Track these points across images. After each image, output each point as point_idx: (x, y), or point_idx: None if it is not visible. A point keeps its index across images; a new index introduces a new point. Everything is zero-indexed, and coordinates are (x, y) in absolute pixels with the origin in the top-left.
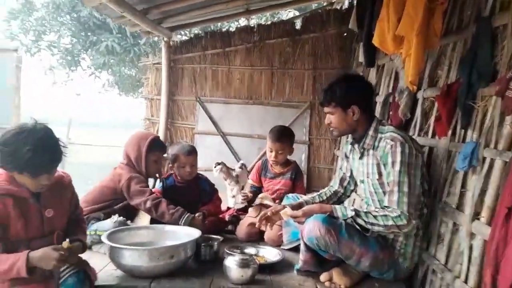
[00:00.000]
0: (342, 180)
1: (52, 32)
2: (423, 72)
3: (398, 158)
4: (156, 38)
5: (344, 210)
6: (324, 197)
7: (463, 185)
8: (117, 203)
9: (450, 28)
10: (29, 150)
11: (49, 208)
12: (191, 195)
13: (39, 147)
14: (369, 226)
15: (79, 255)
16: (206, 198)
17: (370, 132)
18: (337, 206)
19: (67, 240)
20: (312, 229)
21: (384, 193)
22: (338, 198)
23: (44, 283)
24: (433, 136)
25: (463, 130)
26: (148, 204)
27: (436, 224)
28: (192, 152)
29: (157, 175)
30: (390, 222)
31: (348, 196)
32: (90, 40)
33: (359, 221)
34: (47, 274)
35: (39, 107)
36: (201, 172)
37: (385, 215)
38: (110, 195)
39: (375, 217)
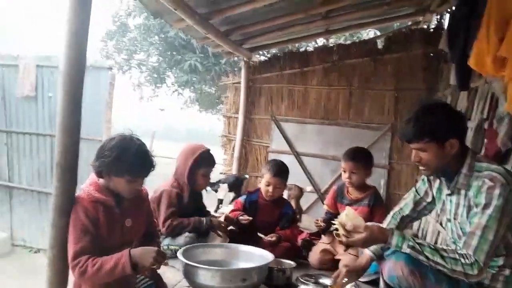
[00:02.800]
0: (417, 204)
1: (142, 52)
2: None
3: (494, 202)
4: (236, 58)
5: (401, 242)
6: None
7: None
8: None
9: None
10: (134, 154)
11: (128, 218)
12: (270, 216)
13: (141, 152)
14: (432, 264)
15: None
16: (285, 223)
17: (464, 170)
18: (395, 233)
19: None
20: (393, 268)
21: None
22: (405, 226)
23: None
24: None
25: None
26: (166, 225)
27: None
28: (279, 174)
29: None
30: (459, 268)
31: (418, 219)
32: (175, 59)
33: (421, 257)
34: (125, 285)
35: (127, 121)
36: None
37: (455, 259)
38: None
39: (442, 257)
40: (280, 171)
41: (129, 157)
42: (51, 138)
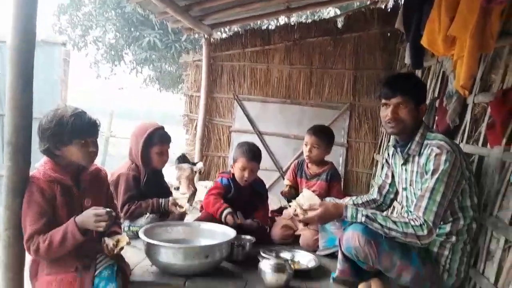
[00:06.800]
0: (381, 188)
1: (98, 28)
2: (475, 76)
3: (441, 167)
4: (196, 35)
5: (355, 213)
6: (360, 202)
7: None
8: None
9: (507, 30)
10: (72, 115)
11: (87, 198)
12: (246, 196)
13: (79, 113)
14: (386, 231)
15: (122, 247)
16: (259, 202)
17: (417, 138)
18: (349, 206)
19: (123, 235)
20: (351, 239)
21: None
22: (378, 207)
23: (81, 273)
24: (484, 144)
25: None
26: (124, 210)
27: (486, 239)
28: (255, 158)
29: None
30: (410, 230)
31: (389, 206)
32: (133, 36)
33: (375, 225)
34: (86, 264)
35: (83, 100)
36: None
37: (406, 222)
38: None
39: (394, 222)
40: (256, 154)
41: (68, 121)
42: (1, 117)
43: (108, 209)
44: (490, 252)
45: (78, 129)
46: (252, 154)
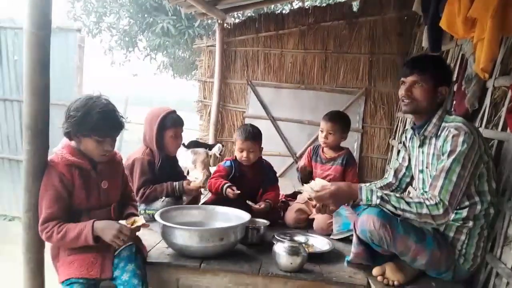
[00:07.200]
0: (397, 171)
1: (112, 14)
2: (495, 59)
3: (458, 148)
4: (210, 21)
5: (370, 195)
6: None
7: None
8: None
9: None
10: (99, 112)
11: (104, 180)
12: (253, 179)
13: (107, 111)
14: (399, 212)
15: (138, 226)
16: (268, 184)
17: (434, 120)
18: (363, 187)
19: (140, 217)
20: (366, 222)
21: None
22: (392, 191)
23: (101, 253)
24: (503, 129)
25: None
26: (140, 194)
27: (504, 224)
28: (248, 137)
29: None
30: (425, 211)
31: (404, 190)
32: (147, 22)
33: (389, 207)
34: (106, 245)
35: (99, 86)
36: None
37: (420, 202)
38: None
39: (408, 203)
40: (250, 134)
41: (94, 116)
42: (19, 103)
43: (134, 228)
44: (508, 237)
45: (101, 127)
46: (247, 134)
